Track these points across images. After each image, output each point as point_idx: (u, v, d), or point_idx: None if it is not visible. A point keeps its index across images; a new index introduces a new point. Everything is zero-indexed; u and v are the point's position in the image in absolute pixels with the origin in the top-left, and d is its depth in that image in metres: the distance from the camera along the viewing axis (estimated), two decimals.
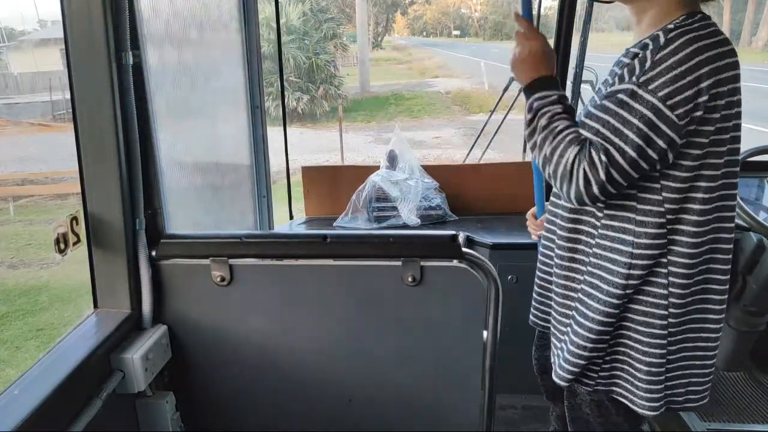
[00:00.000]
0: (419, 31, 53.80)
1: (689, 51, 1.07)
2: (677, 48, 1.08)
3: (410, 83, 20.44)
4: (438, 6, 49.07)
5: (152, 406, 1.44)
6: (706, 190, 1.15)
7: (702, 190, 1.15)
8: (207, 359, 1.51)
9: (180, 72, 1.80)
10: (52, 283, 5.46)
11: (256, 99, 2.43)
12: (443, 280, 1.39)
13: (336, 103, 14.32)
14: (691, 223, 1.16)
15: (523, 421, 2.20)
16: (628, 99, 1.10)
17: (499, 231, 2.38)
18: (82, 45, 1.25)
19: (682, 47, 1.07)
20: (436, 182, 2.67)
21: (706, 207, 1.16)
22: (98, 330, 1.33)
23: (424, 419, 1.51)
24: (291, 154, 2.75)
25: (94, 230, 1.35)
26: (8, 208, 7.46)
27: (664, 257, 1.18)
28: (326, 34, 15.62)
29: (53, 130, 11.10)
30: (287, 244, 1.47)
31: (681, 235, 1.17)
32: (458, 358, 1.43)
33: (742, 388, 2.15)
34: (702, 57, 1.06)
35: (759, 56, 20.64)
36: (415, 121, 14.36)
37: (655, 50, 1.10)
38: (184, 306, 1.47)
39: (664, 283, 1.20)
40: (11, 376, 3.33)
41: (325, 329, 1.48)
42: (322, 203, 2.74)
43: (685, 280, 1.20)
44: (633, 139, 1.09)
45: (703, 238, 1.18)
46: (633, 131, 1.09)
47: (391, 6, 36.06)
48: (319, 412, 1.53)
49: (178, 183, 1.76)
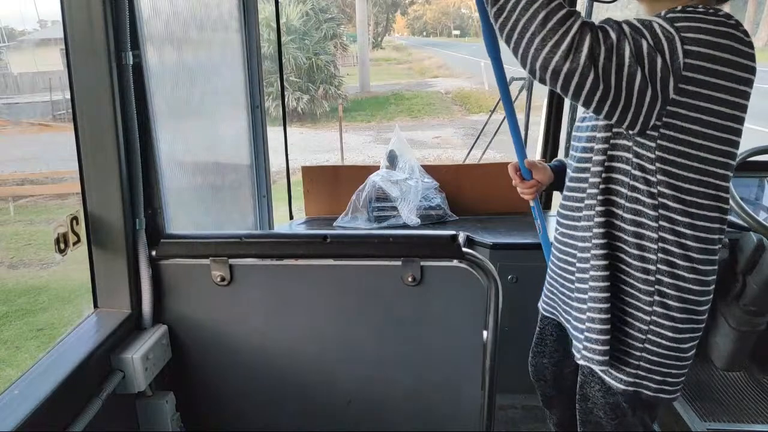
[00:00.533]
0: (419, 31, 53.80)
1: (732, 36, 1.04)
2: (721, 24, 1.03)
3: (410, 83, 20.44)
4: (438, 6, 49.08)
5: (152, 406, 1.44)
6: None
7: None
8: (207, 359, 1.51)
9: (180, 72, 1.79)
10: (52, 283, 5.46)
11: (256, 99, 2.43)
12: (443, 280, 1.39)
13: (336, 103, 14.32)
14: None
15: (523, 421, 2.20)
16: (653, 24, 1.04)
17: (499, 231, 2.38)
18: (82, 45, 1.25)
19: (727, 33, 1.03)
20: (436, 182, 2.67)
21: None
22: (98, 330, 1.33)
23: (424, 419, 1.51)
24: (291, 154, 2.75)
25: (94, 230, 1.35)
26: (8, 208, 7.46)
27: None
28: (326, 34, 15.62)
29: (53, 130, 11.10)
30: (287, 244, 1.47)
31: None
32: (458, 358, 1.43)
33: (742, 388, 2.15)
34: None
35: (759, 56, 20.61)
36: (415, 121, 14.36)
37: (695, 14, 1.04)
38: (184, 306, 1.47)
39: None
40: (11, 376, 3.33)
41: (324, 329, 1.48)
42: (322, 203, 2.74)
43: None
44: (642, 44, 1.02)
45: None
46: (646, 40, 1.02)
47: (391, 6, 36.06)
48: (319, 411, 1.53)
49: (178, 183, 1.76)
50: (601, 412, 1.36)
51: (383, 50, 34.32)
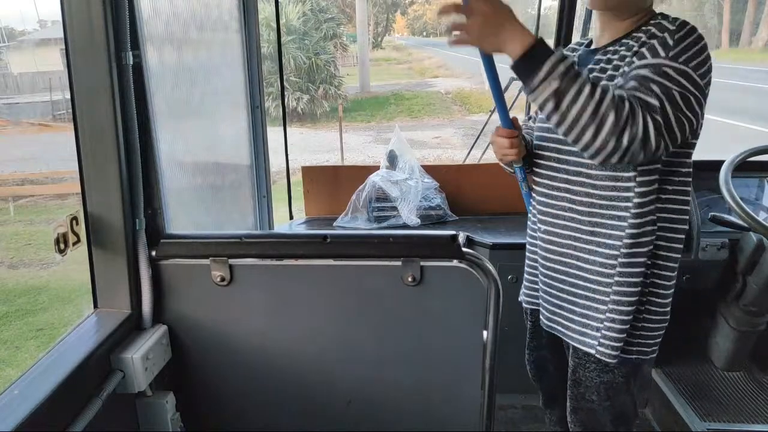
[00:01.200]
0: (419, 31, 53.75)
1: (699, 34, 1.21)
2: (691, 30, 1.20)
3: (410, 83, 20.44)
4: (438, 6, 48.92)
5: (152, 406, 1.44)
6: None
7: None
8: (207, 359, 1.51)
9: (180, 72, 1.79)
10: (52, 283, 5.46)
11: (256, 99, 2.43)
12: (443, 280, 1.39)
13: (336, 103, 14.32)
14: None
15: (523, 421, 2.20)
16: (667, 69, 1.17)
17: (499, 231, 2.38)
18: (82, 45, 1.25)
19: (694, 30, 1.21)
20: (436, 182, 2.68)
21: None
22: (98, 330, 1.33)
23: (424, 419, 1.50)
24: (291, 154, 2.75)
25: (94, 230, 1.35)
26: (8, 208, 7.46)
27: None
28: (326, 34, 15.63)
29: (53, 130, 11.10)
30: (287, 244, 1.46)
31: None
32: (458, 358, 1.43)
33: (742, 388, 2.15)
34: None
35: (759, 56, 20.63)
36: (415, 121, 14.36)
37: (672, 32, 1.20)
38: (184, 306, 1.47)
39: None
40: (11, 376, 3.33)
41: (324, 329, 1.48)
42: (322, 203, 2.74)
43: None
44: (678, 102, 1.16)
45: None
46: (677, 95, 1.16)
47: (391, 6, 36.05)
48: (319, 411, 1.53)
49: (178, 183, 1.76)
50: (594, 395, 1.43)
51: (383, 50, 34.32)
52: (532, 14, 2.55)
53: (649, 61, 1.19)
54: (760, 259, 1.95)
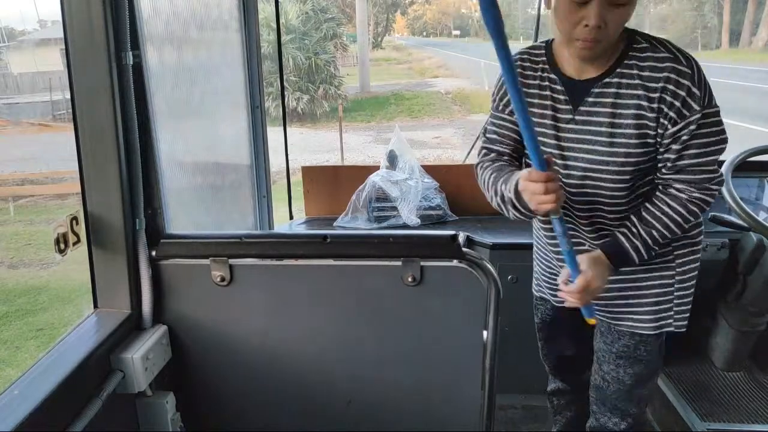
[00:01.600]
0: (419, 31, 53.78)
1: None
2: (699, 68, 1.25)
3: (410, 83, 20.44)
4: (438, 6, 49.04)
5: (152, 406, 1.44)
6: None
7: None
8: (207, 359, 1.51)
9: (180, 72, 1.79)
10: (52, 283, 5.46)
11: (256, 99, 2.43)
12: (443, 280, 1.39)
13: (336, 103, 14.32)
14: None
15: (523, 421, 2.20)
16: (703, 123, 1.25)
17: (499, 231, 2.38)
18: (82, 45, 1.25)
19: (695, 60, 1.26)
20: (436, 182, 2.67)
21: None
22: (98, 330, 1.33)
23: (424, 419, 1.50)
24: (291, 154, 2.75)
25: (94, 230, 1.35)
26: (8, 208, 7.46)
27: None
28: (326, 34, 15.62)
29: (53, 130, 11.09)
30: (287, 244, 1.47)
31: None
32: (458, 358, 1.43)
33: (742, 388, 2.15)
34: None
35: (759, 56, 20.63)
36: (415, 121, 14.36)
37: (692, 77, 1.23)
38: (184, 306, 1.47)
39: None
40: (11, 376, 3.33)
41: (324, 329, 1.48)
42: (322, 203, 2.74)
43: None
44: (720, 147, 1.29)
45: None
46: (716, 140, 1.27)
47: (391, 6, 36.04)
48: (319, 412, 1.53)
49: (178, 183, 1.76)
50: (643, 368, 1.50)
51: (383, 50, 34.31)
52: (532, 14, 2.55)
53: (688, 126, 1.25)
54: (761, 259, 1.95)
